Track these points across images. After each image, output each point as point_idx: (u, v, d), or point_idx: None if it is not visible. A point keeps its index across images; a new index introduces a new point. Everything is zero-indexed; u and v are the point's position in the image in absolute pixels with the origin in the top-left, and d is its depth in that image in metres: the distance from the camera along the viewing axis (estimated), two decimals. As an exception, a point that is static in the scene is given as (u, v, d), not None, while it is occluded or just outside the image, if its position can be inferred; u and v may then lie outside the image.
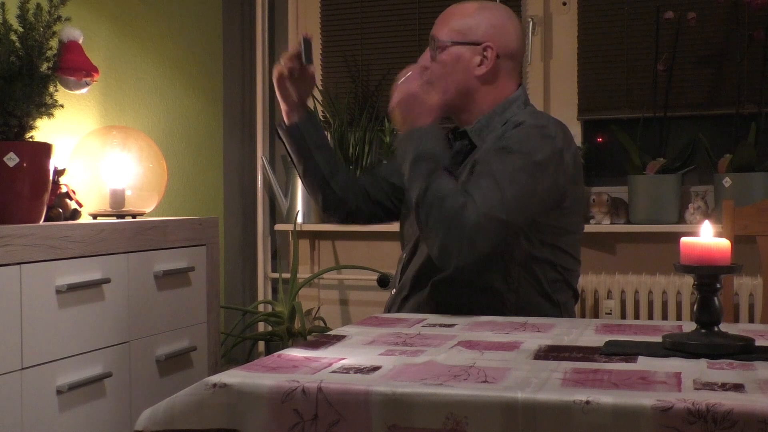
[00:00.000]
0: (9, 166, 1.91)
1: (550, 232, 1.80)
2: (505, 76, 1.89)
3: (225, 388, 1.12)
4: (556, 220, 1.80)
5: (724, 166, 3.01)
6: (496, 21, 1.88)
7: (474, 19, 1.88)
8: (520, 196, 1.68)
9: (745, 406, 0.96)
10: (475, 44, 1.86)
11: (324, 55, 3.62)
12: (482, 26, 1.87)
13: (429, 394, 1.05)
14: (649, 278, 3.07)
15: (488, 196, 1.66)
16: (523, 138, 1.74)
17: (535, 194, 1.72)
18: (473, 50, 1.86)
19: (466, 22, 1.88)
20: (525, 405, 1.02)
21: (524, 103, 1.91)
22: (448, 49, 1.87)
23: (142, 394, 2.15)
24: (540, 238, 1.80)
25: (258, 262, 3.59)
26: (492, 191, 1.66)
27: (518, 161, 1.70)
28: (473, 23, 1.87)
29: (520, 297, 1.80)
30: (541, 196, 1.74)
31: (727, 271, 1.28)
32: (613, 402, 1.00)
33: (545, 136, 1.74)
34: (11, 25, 1.97)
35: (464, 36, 1.87)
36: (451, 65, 1.87)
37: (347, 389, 1.08)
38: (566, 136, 1.79)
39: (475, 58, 1.86)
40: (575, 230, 1.87)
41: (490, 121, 1.87)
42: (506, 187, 1.67)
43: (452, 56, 1.87)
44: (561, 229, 1.82)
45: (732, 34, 3.07)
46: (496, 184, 1.67)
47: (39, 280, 1.84)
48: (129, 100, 2.90)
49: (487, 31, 1.87)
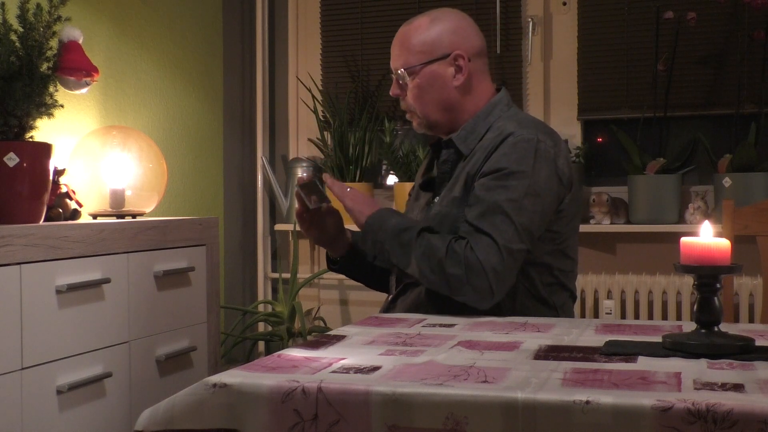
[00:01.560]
0: (9, 166, 1.91)
1: (548, 238, 1.81)
2: (480, 77, 1.90)
3: (225, 388, 1.12)
4: (553, 225, 1.80)
5: (724, 166, 3.01)
6: (453, 26, 1.87)
7: (433, 33, 1.86)
8: (531, 221, 1.72)
9: (745, 406, 0.96)
10: (444, 57, 1.85)
11: (324, 55, 3.61)
12: (444, 37, 1.85)
13: (429, 394, 1.05)
14: (649, 278, 3.07)
15: (503, 230, 1.69)
16: (519, 157, 1.74)
17: (543, 214, 1.75)
18: (445, 64, 1.85)
19: (427, 39, 1.86)
20: (525, 405, 1.02)
21: (507, 105, 1.90)
22: (420, 72, 1.86)
23: (142, 394, 2.15)
24: (541, 245, 1.79)
25: (258, 262, 3.59)
26: (505, 225, 1.69)
27: (521, 186, 1.72)
28: (434, 37, 1.85)
29: (516, 301, 1.80)
30: (547, 213, 1.77)
31: (727, 271, 1.28)
32: (613, 402, 1.00)
33: (538, 151, 1.74)
34: (11, 25, 1.97)
35: (431, 53, 1.85)
36: (428, 85, 1.86)
37: (347, 389, 1.08)
38: (555, 143, 1.80)
39: (449, 70, 1.86)
40: (572, 231, 1.87)
41: (474, 127, 1.87)
42: (515, 216, 1.70)
43: (427, 77, 1.86)
44: (559, 234, 1.82)
45: (732, 34, 3.08)
46: (507, 217, 1.69)
47: (39, 280, 1.84)
48: (129, 100, 2.90)
49: (450, 40, 1.85)
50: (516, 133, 1.76)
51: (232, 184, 3.54)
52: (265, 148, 3.61)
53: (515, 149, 1.75)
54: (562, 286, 1.87)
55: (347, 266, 2.05)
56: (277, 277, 3.51)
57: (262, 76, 3.57)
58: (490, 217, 1.70)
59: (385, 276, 2.03)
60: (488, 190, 1.73)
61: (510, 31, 3.37)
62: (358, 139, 3.42)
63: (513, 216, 1.70)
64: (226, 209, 3.50)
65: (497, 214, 1.70)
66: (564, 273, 1.86)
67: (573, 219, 1.86)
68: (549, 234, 1.80)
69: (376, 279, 2.07)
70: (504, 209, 1.70)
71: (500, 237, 1.68)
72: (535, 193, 1.72)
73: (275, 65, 3.67)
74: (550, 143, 1.77)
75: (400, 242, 1.73)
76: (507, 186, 1.72)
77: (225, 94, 3.50)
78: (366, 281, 2.10)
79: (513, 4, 3.36)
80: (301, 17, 3.67)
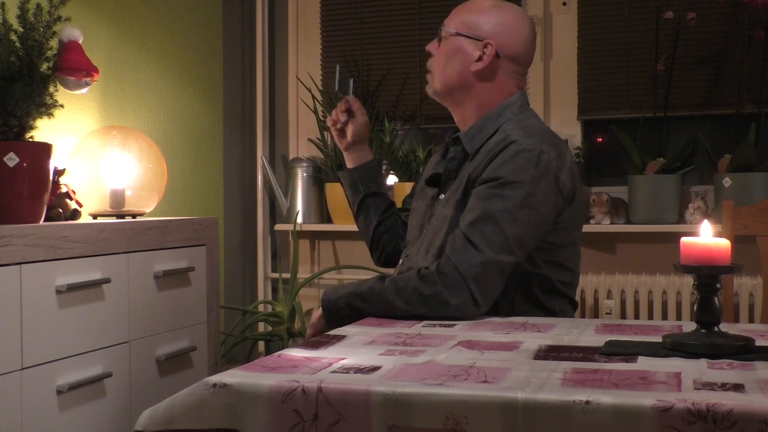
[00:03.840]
0: (9, 166, 1.91)
1: (545, 249, 1.79)
2: (505, 77, 1.89)
3: (225, 388, 1.12)
4: (549, 236, 1.79)
5: (724, 166, 3.01)
6: (504, 21, 1.89)
7: (483, 16, 1.89)
8: (524, 233, 1.71)
9: (745, 406, 0.96)
10: (477, 39, 1.87)
11: (324, 55, 3.62)
12: (489, 23, 1.88)
13: (429, 394, 1.05)
14: (649, 278, 3.07)
15: (492, 241, 1.68)
16: (518, 167, 1.72)
17: (538, 225, 1.74)
18: (474, 45, 1.88)
19: (475, 17, 1.90)
20: (525, 405, 1.02)
21: (520, 108, 1.89)
22: (450, 39, 1.90)
23: (142, 394, 2.15)
24: (535, 255, 1.79)
25: (258, 262, 3.59)
26: (494, 235, 1.68)
27: (517, 197, 1.70)
28: (481, 19, 1.89)
29: (516, 307, 1.80)
30: (542, 226, 1.75)
31: (727, 271, 1.28)
32: (613, 402, 1.00)
33: (540, 162, 1.73)
34: (11, 25, 1.97)
35: (469, 29, 1.89)
36: (451, 55, 1.90)
37: (347, 389, 1.08)
38: (560, 154, 1.77)
39: (474, 52, 1.88)
40: (572, 244, 1.86)
41: (483, 127, 1.87)
42: (507, 227, 1.69)
43: (453, 46, 1.90)
44: (555, 245, 1.81)
45: (732, 34, 3.08)
46: (498, 227, 1.69)
47: (39, 280, 1.84)
48: (129, 100, 2.90)
49: (492, 28, 1.88)
50: (519, 142, 1.75)
51: (232, 184, 3.54)
52: (265, 148, 3.61)
53: (515, 159, 1.73)
54: (562, 294, 1.86)
55: (348, 179, 2.13)
56: (277, 277, 3.51)
57: (262, 76, 3.57)
58: (481, 225, 1.69)
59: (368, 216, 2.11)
60: (484, 198, 1.72)
61: (510, 31, 3.36)
62: (358, 139, 3.41)
63: (505, 226, 1.68)
64: (226, 209, 3.50)
65: (488, 224, 1.69)
66: (564, 284, 1.86)
67: (572, 231, 1.85)
68: (544, 244, 1.78)
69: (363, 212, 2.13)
70: (496, 219, 1.69)
71: (487, 248, 1.67)
72: (530, 204, 1.71)
73: (275, 65, 3.68)
74: (553, 155, 1.75)
75: (367, 296, 1.72)
76: (503, 195, 1.70)
77: (225, 94, 3.50)
78: (352, 204, 2.15)
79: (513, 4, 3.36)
80: (301, 17, 3.67)
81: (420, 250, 1.88)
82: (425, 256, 1.84)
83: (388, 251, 2.14)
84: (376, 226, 2.12)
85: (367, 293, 1.72)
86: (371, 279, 1.77)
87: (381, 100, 3.48)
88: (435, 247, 1.81)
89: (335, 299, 1.77)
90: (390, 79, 3.49)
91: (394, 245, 2.13)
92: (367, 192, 2.11)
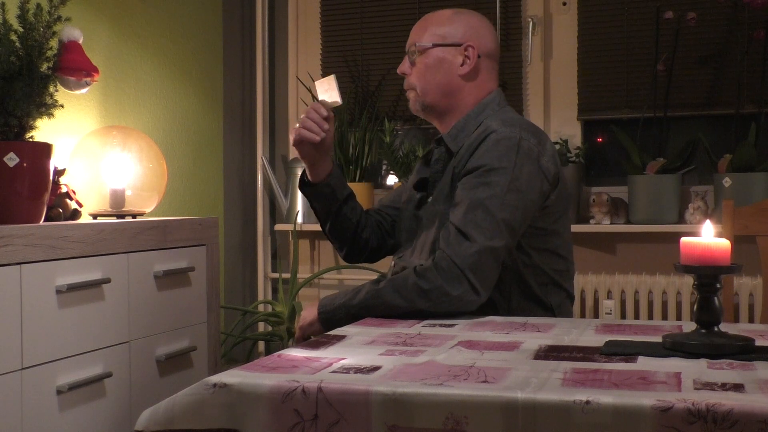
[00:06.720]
0: (9, 166, 1.91)
1: (534, 235, 1.82)
2: (486, 75, 1.95)
3: (225, 388, 1.12)
4: (538, 221, 1.82)
5: (724, 166, 3.01)
6: (471, 23, 1.95)
7: (452, 24, 1.94)
8: (513, 217, 1.73)
9: (745, 406, 0.96)
10: (456, 45, 1.92)
11: (324, 55, 3.62)
12: (460, 29, 1.94)
13: (429, 394, 1.05)
14: (649, 278, 3.07)
15: (484, 228, 1.70)
16: (500, 154, 1.76)
17: (526, 209, 1.76)
18: (454, 51, 1.92)
19: (445, 27, 1.94)
20: (525, 405, 1.02)
21: (499, 105, 1.94)
22: (429, 52, 1.93)
23: (142, 394, 2.15)
24: (527, 243, 1.82)
25: (258, 262, 3.59)
26: (486, 222, 1.71)
27: (503, 182, 1.73)
28: (451, 27, 1.94)
29: (512, 303, 1.81)
30: (530, 209, 1.78)
31: (727, 271, 1.28)
32: (613, 402, 1.00)
33: (521, 148, 1.76)
34: (11, 25, 1.97)
35: (444, 39, 1.93)
36: (433, 67, 1.93)
37: (347, 389, 1.08)
38: (540, 141, 1.81)
39: (456, 58, 1.92)
40: (561, 230, 1.88)
41: (465, 125, 1.91)
42: (497, 212, 1.71)
43: (432, 58, 1.93)
44: (545, 230, 1.84)
45: (732, 34, 3.08)
46: (488, 214, 1.71)
47: (39, 280, 1.84)
48: (129, 100, 2.90)
49: (465, 32, 1.93)
50: (499, 131, 1.79)
51: (232, 184, 3.54)
52: (265, 148, 3.61)
53: (497, 146, 1.77)
54: (558, 285, 1.88)
55: (322, 192, 1.99)
56: (277, 277, 3.51)
57: (262, 76, 3.57)
58: (471, 215, 1.71)
59: (346, 222, 2.02)
60: (471, 188, 1.75)
61: (510, 31, 3.37)
62: (358, 139, 3.42)
63: (495, 212, 1.71)
64: (226, 209, 3.50)
65: (478, 212, 1.71)
66: (558, 272, 1.88)
67: (561, 217, 1.87)
68: (533, 230, 1.81)
69: (340, 220, 2.03)
70: (486, 206, 1.71)
71: (480, 236, 1.69)
72: (517, 188, 1.74)
73: (275, 65, 3.68)
74: (533, 141, 1.79)
75: (365, 301, 1.73)
76: (489, 182, 1.74)
77: (225, 94, 3.50)
78: (327, 216, 2.04)
79: (513, 4, 3.36)
80: (301, 17, 3.67)
81: (414, 250, 1.90)
82: (420, 254, 1.86)
83: (373, 245, 2.10)
84: (356, 225, 2.06)
85: (365, 298, 1.73)
86: (366, 284, 1.77)
87: (381, 100, 3.48)
88: (428, 244, 1.84)
89: (332, 310, 1.78)
90: (390, 79, 3.48)
91: (378, 239, 2.10)
92: (342, 198, 2.02)
